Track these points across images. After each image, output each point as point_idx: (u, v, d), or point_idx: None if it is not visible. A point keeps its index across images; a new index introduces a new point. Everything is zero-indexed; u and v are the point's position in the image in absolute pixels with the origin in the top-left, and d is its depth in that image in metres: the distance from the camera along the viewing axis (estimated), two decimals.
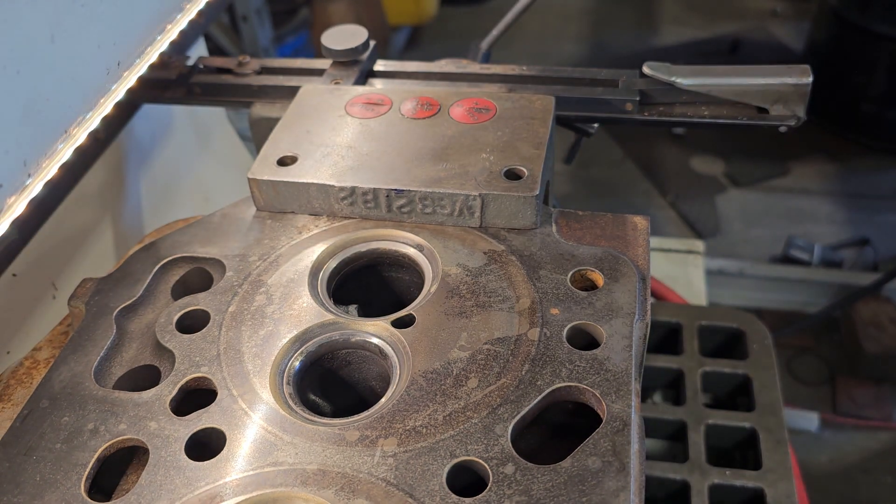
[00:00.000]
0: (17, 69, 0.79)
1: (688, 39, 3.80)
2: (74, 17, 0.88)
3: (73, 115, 0.89)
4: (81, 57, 0.90)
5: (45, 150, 0.85)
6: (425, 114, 0.90)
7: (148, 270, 0.80)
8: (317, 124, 0.91)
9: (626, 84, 1.03)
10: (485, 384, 0.66)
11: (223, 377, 0.69)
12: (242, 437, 0.64)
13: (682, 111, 1.01)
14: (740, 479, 1.05)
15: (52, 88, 0.85)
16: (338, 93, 0.96)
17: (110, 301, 0.77)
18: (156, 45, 1.07)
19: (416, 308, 0.73)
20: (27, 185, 0.81)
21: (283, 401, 0.67)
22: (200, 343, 0.72)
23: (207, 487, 0.61)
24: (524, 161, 0.82)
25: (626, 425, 0.61)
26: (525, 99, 0.92)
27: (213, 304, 0.76)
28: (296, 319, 0.73)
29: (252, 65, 1.12)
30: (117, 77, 0.98)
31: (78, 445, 0.64)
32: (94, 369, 0.71)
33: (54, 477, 0.62)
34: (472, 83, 1.07)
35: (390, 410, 0.65)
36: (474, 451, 0.61)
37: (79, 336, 0.74)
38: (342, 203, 0.83)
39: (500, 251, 0.78)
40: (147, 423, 0.66)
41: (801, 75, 0.95)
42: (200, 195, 1.38)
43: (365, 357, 0.74)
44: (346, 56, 1.07)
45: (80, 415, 0.67)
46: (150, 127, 1.25)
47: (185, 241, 0.83)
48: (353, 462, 0.61)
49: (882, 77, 3.05)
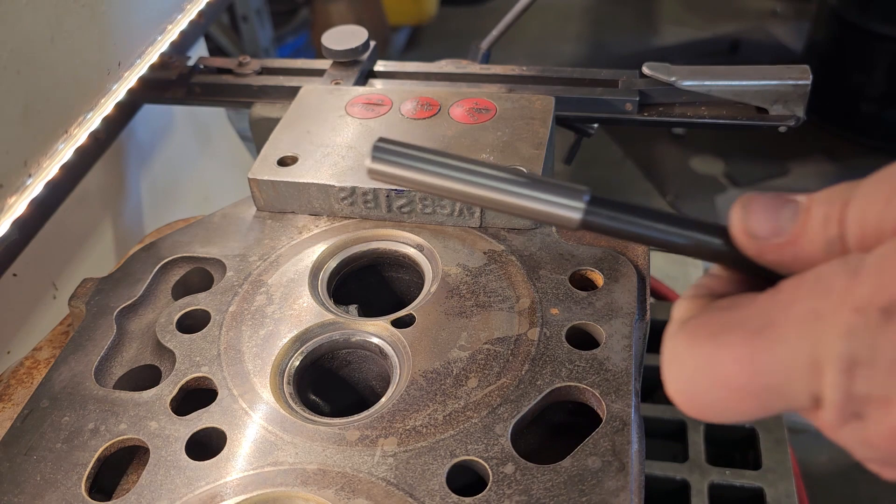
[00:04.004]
0: (18, 69, 0.79)
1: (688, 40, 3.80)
2: (75, 18, 0.88)
3: (74, 115, 0.90)
4: (82, 57, 0.90)
5: (45, 150, 0.85)
6: (425, 114, 0.91)
7: (148, 270, 0.80)
8: (317, 124, 0.91)
9: (625, 84, 1.03)
10: (485, 384, 0.66)
11: (223, 377, 0.69)
12: (243, 437, 0.64)
13: (681, 111, 1.01)
14: (740, 479, 1.05)
15: (53, 88, 0.85)
16: (338, 93, 0.96)
17: (111, 301, 0.77)
18: (156, 45, 1.07)
19: (416, 308, 0.73)
20: (28, 185, 0.81)
21: (283, 400, 0.67)
22: (201, 343, 0.72)
23: (208, 487, 0.61)
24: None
25: (625, 425, 0.61)
26: (525, 99, 0.92)
27: (214, 303, 0.76)
28: (296, 319, 0.73)
29: (252, 65, 1.12)
30: (118, 77, 0.98)
31: (78, 445, 0.65)
32: (95, 369, 0.71)
33: (55, 477, 0.62)
34: (472, 83, 1.07)
35: (390, 410, 0.65)
36: (474, 450, 0.61)
37: (79, 336, 0.74)
38: (342, 203, 0.83)
39: (499, 251, 0.78)
40: (147, 422, 0.66)
41: (800, 75, 0.95)
42: (201, 195, 1.38)
43: (365, 357, 0.74)
44: (346, 56, 1.07)
45: (80, 414, 0.67)
46: (151, 127, 1.26)
47: (185, 241, 0.83)
48: (354, 461, 0.61)
49: (882, 77, 3.05)
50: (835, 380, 0.28)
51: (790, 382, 0.29)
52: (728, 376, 0.31)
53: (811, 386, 0.29)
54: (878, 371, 0.27)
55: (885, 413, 0.27)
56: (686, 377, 0.32)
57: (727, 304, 0.33)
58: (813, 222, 0.32)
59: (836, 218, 0.31)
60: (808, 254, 0.33)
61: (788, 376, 0.29)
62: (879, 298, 0.27)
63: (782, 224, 0.33)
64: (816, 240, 0.32)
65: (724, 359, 0.31)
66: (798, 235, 0.33)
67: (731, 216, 0.35)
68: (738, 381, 0.30)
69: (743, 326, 0.31)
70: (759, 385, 0.30)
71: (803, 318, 0.29)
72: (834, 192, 0.32)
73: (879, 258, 0.28)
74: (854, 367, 0.27)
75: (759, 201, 0.34)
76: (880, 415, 0.27)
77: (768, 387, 0.30)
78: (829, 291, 0.29)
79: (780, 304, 0.31)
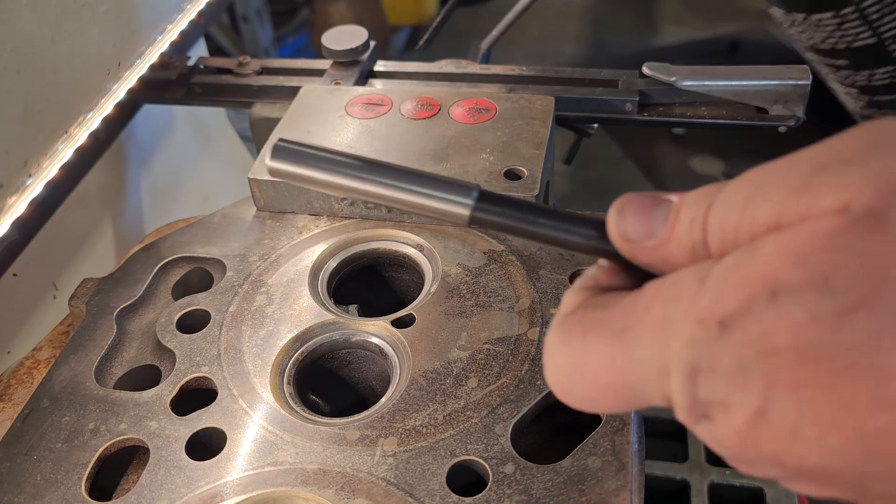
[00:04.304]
0: (18, 69, 0.79)
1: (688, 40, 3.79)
2: (75, 18, 0.88)
3: (74, 115, 0.90)
4: (82, 57, 0.90)
5: (45, 150, 0.85)
6: (425, 114, 0.91)
7: (148, 270, 0.80)
8: (317, 125, 0.91)
9: (625, 84, 1.03)
10: (485, 384, 0.66)
11: (224, 377, 0.69)
12: (243, 437, 0.64)
13: (681, 111, 1.01)
14: (740, 479, 1.05)
15: (53, 88, 0.85)
16: (338, 93, 0.96)
17: (111, 301, 0.77)
18: (156, 45, 1.07)
19: (416, 308, 0.73)
20: (28, 185, 0.81)
21: (283, 400, 0.67)
22: (201, 343, 0.72)
23: (208, 487, 0.61)
24: (524, 161, 0.82)
25: (625, 425, 0.61)
26: (525, 99, 0.92)
27: (214, 304, 0.76)
28: (296, 319, 0.73)
29: (252, 65, 1.12)
30: (118, 77, 0.98)
31: (78, 445, 0.65)
32: (95, 369, 0.71)
33: (55, 477, 0.62)
34: (472, 83, 1.07)
35: (390, 410, 0.65)
36: (474, 450, 0.61)
37: (79, 336, 0.74)
38: (342, 203, 0.83)
39: (499, 251, 0.78)
40: (147, 422, 0.66)
41: (800, 75, 0.95)
42: (201, 195, 1.38)
43: (365, 357, 0.74)
44: (346, 56, 1.07)
45: (80, 414, 0.67)
46: (151, 127, 1.26)
47: (185, 242, 0.83)
48: (354, 461, 0.61)
49: None
50: (680, 385, 0.29)
51: (644, 384, 0.31)
52: (594, 374, 0.33)
53: (663, 388, 0.31)
54: (718, 379, 0.28)
55: (728, 416, 0.28)
56: (559, 370, 0.34)
57: (599, 302, 0.35)
58: (680, 226, 0.33)
59: (700, 222, 0.32)
60: (676, 257, 0.34)
61: (643, 378, 0.31)
62: (718, 311, 0.28)
63: (654, 227, 0.34)
64: (683, 244, 0.33)
65: (590, 357, 0.33)
66: (667, 239, 0.34)
67: (607, 217, 0.37)
68: (602, 379, 0.32)
69: (608, 327, 0.33)
70: (620, 384, 0.32)
71: (656, 325, 0.31)
72: (701, 194, 0.33)
73: (723, 270, 0.29)
74: (696, 375, 0.29)
75: (633, 203, 0.35)
76: (724, 417, 0.28)
77: (627, 386, 0.32)
78: (679, 299, 0.30)
79: (638, 308, 0.32)
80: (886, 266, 0.25)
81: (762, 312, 0.27)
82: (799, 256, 0.27)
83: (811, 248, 0.27)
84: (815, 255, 0.27)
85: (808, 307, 0.26)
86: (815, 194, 0.28)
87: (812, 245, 0.27)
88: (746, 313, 0.27)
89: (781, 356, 0.27)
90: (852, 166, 0.28)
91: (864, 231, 0.26)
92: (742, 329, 0.27)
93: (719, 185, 0.33)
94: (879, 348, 0.25)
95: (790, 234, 0.28)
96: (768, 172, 0.31)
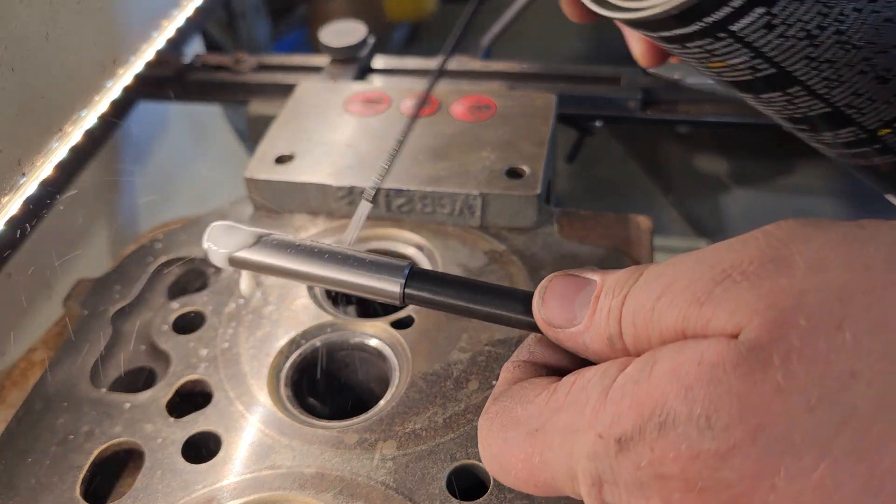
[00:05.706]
0: (12, 66, 0.78)
1: None
2: (70, 14, 0.87)
3: (69, 113, 0.88)
4: (77, 54, 0.89)
5: (39, 148, 0.84)
6: (425, 111, 0.89)
7: (144, 271, 0.79)
8: (315, 122, 0.89)
9: (628, 82, 1.02)
10: (486, 386, 0.65)
11: (220, 379, 0.68)
12: (239, 440, 0.63)
13: (685, 109, 1.00)
14: None
15: (48, 86, 0.84)
16: (336, 90, 0.95)
17: (106, 302, 0.76)
18: (152, 42, 1.06)
19: (416, 308, 0.72)
20: (21, 183, 0.80)
21: (280, 403, 0.66)
22: (197, 344, 0.71)
23: (204, 490, 0.60)
24: (525, 160, 0.81)
25: None
26: (526, 97, 0.91)
27: (210, 304, 0.75)
28: (294, 320, 0.72)
29: (249, 62, 1.11)
30: (113, 74, 0.97)
31: (73, 448, 0.64)
32: (90, 371, 0.70)
33: (49, 480, 0.62)
34: (473, 80, 1.06)
35: (389, 413, 0.64)
36: (475, 454, 0.60)
37: (74, 337, 0.73)
38: (341, 202, 0.82)
39: (501, 251, 0.77)
40: (143, 425, 0.65)
41: None
42: (197, 194, 1.37)
43: (364, 358, 0.73)
44: (344, 53, 1.06)
45: (75, 417, 0.66)
46: (147, 125, 1.24)
47: (181, 241, 0.82)
48: (352, 465, 0.60)
49: None
50: (587, 490, 0.32)
51: (557, 482, 0.34)
52: (514, 469, 0.35)
53: (574, 488, 0.33)
54: (621, 491, 0.31)
55: None
56: (489, 457, 0.37)
57: (522, 395, 0.37)
58: (598, 316, 0.35)
59: (616, 315, 0.34)
60: (595, 345, 0.35)
61: (555, 477, 0.34)
62: (616, 430, 0.30)
63: (576, 313, 0.36)
64: (601, 333, 0.35)
65: (511, 454, 0.35)
66: (587, 327, 0.35)
67: (532, 301, 0.38)
68: (522, 474, 0.35)
69: (524, 426, 0.35)
70: (537, 479, 0.35)
71: (564, 430, 0.33)
72: (618, 281, 0.35)
73: (622, 385, 0.31)
74: (601, 484, 0.31)
75: (555, 289, 0.37)
76: None
77: (543, 482, 0.34)
78: (584, 407, 0.32)
79: (551, 409, 0.34)
80: (763, 410, 0.27)
81: (653, 441, 0.29)
82: (686, 388, 0.29)
83: (697, 380, 0.29)
84: (701, 388, 0.28)
85: (691, 444, 0.28)
86: (713, 308, 0.30)
87: (698, 377, 0.29)
88: (640, 438, 0.29)
89: (672, 482, 0.29)
90: (748, 286, 0.30)
91: (746, 369, 0.28)
92: (636, 452, 0.29)
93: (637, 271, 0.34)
94: (757, 488, 0.27)
95: (682, 360, 0.29)
96: (677, 273, 0.33)
